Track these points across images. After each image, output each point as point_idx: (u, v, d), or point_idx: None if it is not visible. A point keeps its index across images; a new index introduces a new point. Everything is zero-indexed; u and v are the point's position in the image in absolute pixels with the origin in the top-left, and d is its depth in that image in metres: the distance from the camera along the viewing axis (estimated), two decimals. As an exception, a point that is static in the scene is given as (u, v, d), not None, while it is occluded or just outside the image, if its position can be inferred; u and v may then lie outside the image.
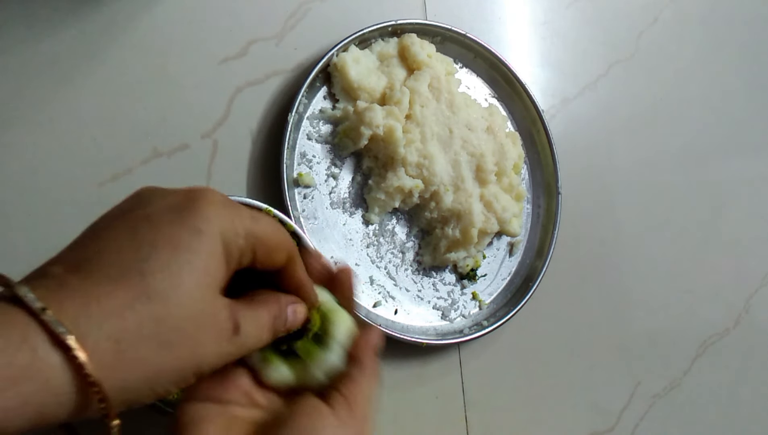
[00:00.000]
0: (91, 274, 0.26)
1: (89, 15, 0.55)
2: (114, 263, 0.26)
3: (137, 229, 0.28)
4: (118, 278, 0.26)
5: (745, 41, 0.88)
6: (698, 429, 0.75)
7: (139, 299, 0.26)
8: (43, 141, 0.53)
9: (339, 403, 0.34)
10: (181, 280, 0.27)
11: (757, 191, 0.84)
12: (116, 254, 0.27)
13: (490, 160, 0.63)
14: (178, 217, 0.28)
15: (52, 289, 0.25)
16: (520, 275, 0.67)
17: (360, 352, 0.37)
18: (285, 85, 0.61)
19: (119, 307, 0.25)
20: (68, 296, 0.25)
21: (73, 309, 0.25)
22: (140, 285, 0.26)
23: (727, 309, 0.80)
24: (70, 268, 0.26)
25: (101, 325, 0.25)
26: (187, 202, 0.29)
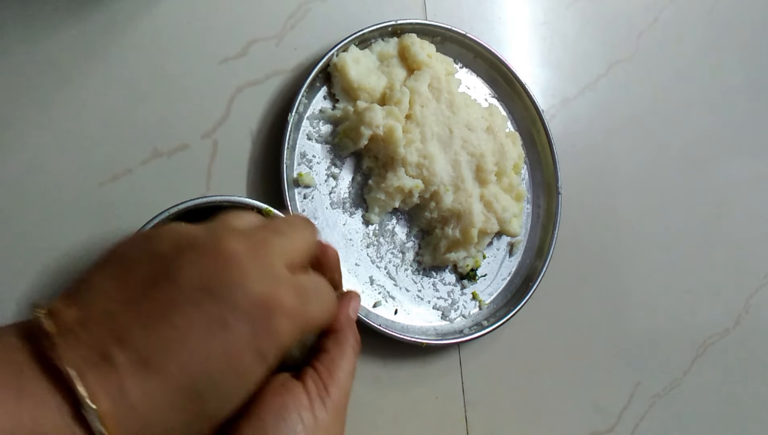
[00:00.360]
0: (152, 385, 0.25)
1: (89, 15, 0.55)
2: (181, 380, 0.25)
3: (212, 336, 0.26)
4: (181, 402, 0.25)
5: (745, 41, 0.88)
6: (698, 429, 0.75)
7: (192, 423, 0.26)
8: (43, 141, 0.53)
9: (311, 376, 0.32)
10: (231, 401, 0.27)
11: (757, 191, 0.84)
12: (186, 369, 0.25)
13: (490, 160, 0.63)
14: (252, 336, 0.27)
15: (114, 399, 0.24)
16: (520, 275, 0.67)
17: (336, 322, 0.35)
18: (285, 85, 0.61)
19: (170, 430, 0.25)
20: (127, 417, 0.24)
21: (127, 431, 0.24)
22: (195, 409, 0.26)
23: (727, 309, 0.80)
24: (136, 364, 0.25)
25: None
26: (265, 314, 0.28)
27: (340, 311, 0.35)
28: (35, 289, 0.50)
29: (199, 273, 0.27)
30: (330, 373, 0.32)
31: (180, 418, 0.25)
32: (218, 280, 0.27)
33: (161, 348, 0.25)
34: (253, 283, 0.28)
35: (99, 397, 0.23)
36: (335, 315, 0.34)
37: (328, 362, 0.33)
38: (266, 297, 0.28)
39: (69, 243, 0.52)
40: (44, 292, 0.50)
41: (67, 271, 0.51)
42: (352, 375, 0.34)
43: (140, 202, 0.54)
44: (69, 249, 0.52)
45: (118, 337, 0.25)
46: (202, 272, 0.27)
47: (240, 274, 0.28)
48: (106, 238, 0.53)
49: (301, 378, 0.32)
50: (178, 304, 0.26)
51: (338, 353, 0.34)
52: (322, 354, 0.34)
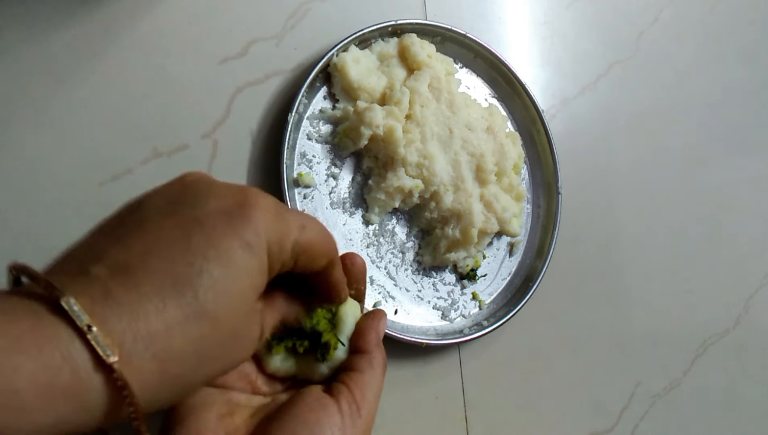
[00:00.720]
0: (140, 285, 0.24)
1: (89, 15, 0.55)
2: (165, 273, 0.25)
3: (190, 235, 0.26)
4: (170, 293, 0.25)
5: (745, 41, 0.88)
6: (698, 429, 0.75)
7: (190, 319, 0.25)
8: (43, 141, 0.53)
9: (345, 397, 0.32)
10: (230, 299, 0.26)
11: (757, 191, 0.84)
12: (167, 263, 0.25)
13: (490, 160, 0.63)
14: (230, 226, 0.27)
15: (97, 300, 0.24)
16: (520, 275, 0.67)
17: (367, 343, 0.35)
18: (285, 85, 0.61)
19: (168, 327, 0.24)
20: (115, 311, 0.24)
21: (119, 326, 0.23)
22: (192, 303, 0.25)
23: (727, 309, 0.80)
24: (116, 271, 0.25)
25: (148, 346, 0.24)
26: (240, 209, 0.28)
27: (370, 331, 0.36)
28: (35, 289, 0.50)
29: (165, 196, 0.28)
30: (362, 393, 0.33)
31: (177, 312, 0.24)
32: (186, 194, 0.28)
33: (139, 255, 0.25)
34: (223, 189, 0.28)
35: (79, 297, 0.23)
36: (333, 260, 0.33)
37: (360, 382, 0.33)
38: (239, 196, 0.28)
39: (69, 243, 0.52)
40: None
41: (67, 271, 0.51)
42: (379, 395, 0.34)
43: (140, 202, 0.54)
44: (69, 249, 0.52)
45: (95, 258, 0.26)
46: (168, 194, 0.28)
47: (208, 186, 0.28)
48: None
49: (333, 395, 0.32)
50: (150, 220, 0.27)
51: (370, 374, 0.34)
52: (355, 374, 0.34)
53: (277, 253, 0.29)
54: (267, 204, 0.29)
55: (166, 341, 0.24)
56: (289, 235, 0.29)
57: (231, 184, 0.29)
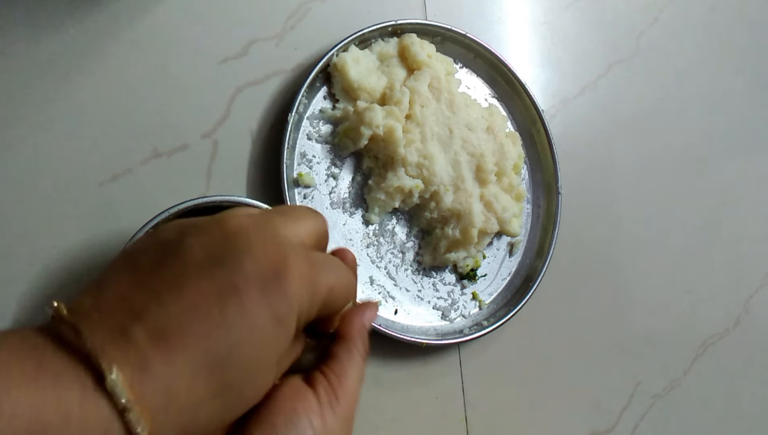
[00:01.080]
0: (176, 358, 0.25)
1: (89, 15, 0.55)
2: (201, 348, 0.25)
3: (226, 304, 0.26)
4: (202, 371, 0.25)
5: (745, 41, 0.88)
6: (698, 429, 0.75)
7: (218, 396, 0.26)
8: (43, 141, 0.53)
9: (321, 383, 0.32)
10: (255, 373, 0.27)
11: (757, 191, 0.84)
12: (204, 337, 0.25)
13: (490, 160, 0.63)
14: (264, 297, 0.27)
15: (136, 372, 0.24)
16: (520, 275, 0.67)
17: (348, 328, 0.35)
18: (285, 85, 0.61)
19: (198, 404, 0.25)
20: (151, 387, 0.24)
21: (154, 403, 0.24)
22: (221, 381, 0.26)
23: (727, 309, 0.80)
24: (154, 336, 0.25)
25: (176, 421, 0.25)
26: (275, 277, 0.27)
27: (353, 318, 0.35)
28: (35, 289, 0.50)
29: (204, 247, 0.28)
30: (340, 380, 0.33)
31: (204, 388, 0.25)
32: (225, 250, 0.27)
33: (177, 319, 0.25)
34: (260, 249, 0.28)
35: (121, 368, 0.24)
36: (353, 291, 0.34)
37: (338, 369, 0.33)
38: (275, 260, 0.28)
39: (69, 243, 0.52)
40: (44, 292, 0.50)
41: (67, 271, 0.51)
42: (360, 382, 0.34)
43: (140, 202, 0.54)
44: (69, 249, 0.52)
45: (134, 314, 0.25)
46: (207, 246, 0.28)
47: (246, 243, 0.28)
48: (106, 238, 0.53)
49: (311, 384, 0.32)
50: (188, 277, 0.26)
51: (348, 360, 0.34)
52: (332, 360, 0.34)
53: (305, 318, 0.29)
54: (302, 270, 0.28)
55: (193, 416, 0.25)
56: (319, 298, 0.30)
57: (269, 240, 0.29)
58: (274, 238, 0.29)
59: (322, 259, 0.31)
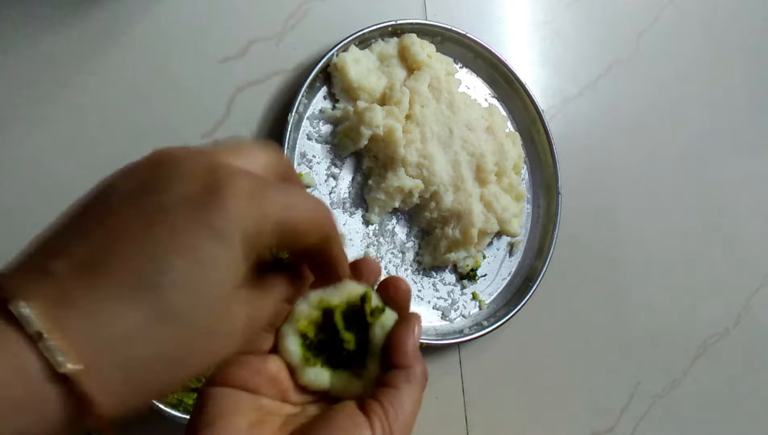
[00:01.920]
0: (100, 285, 0.23)
1: (89, 15, 0.55)
2: (127, 271, 0.23)
3: (153, 226, 0.24)
4: (132, 294, 0.23)
5: (745, 41, 0.88)
6: (698, 429, 0.75)
7: (156, 322, 0.23)
8: (43, 141, 0.53)
9: (378, 416, 0.30)
10: (198, 296, 0.24)
11: (757, 191, 0.84)
12: (130, 259, 0.23)
13: (490, 160, 0.63)
14: (196, 215, 0.24)
15: (55, 302, 0.22)
16: (520, 275, 0.67)
17: (403, 356, 0.32)
18: (285, 85, 0.61)
19: (132, 332, 0.23)
20: (73, 315, 0.22)
21: (79, 332, 0.22)
22: (157, 304, 0.23)
23: (727, 309, 0.79)
24: (76, 269, 0.23)
25: (109, 353, 0.22)
26: (207, 195, 0.25)
27: (406, 341, 0.33)
28: (35, 289, 0.50)
29: (129, 179, 0.26)
30: (397, 414, 0.31)
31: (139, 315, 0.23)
32: (151, 177, 0.26)
33: (100, 248, 0.23)
34: (189, 171, 0.26)
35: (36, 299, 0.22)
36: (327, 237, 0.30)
37: (395, 402, 0.31)
38: (207, 178, 0.25)
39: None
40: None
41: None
42: (416, 413, 0.32)
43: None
44: (69, 249, 0.52)
45: (55, 252, 0.24)
46: (133, 178, 0.26)
47: (174, 168, 0.26)
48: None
49: (367, 414, 0.30)
50: (111, 208, 0.25)
51: (407, 393, 0.32)
52: (391, 390, 0.31)
53: (255, 238, 0.26)
54: (241, 185, 0.25)
55: (129, 347, 0.23)
56: (268, 217, 0.26)
57: (202, 161, 0.26)
58: (208, 161, 0.26)
59: (275, 183, 0.28)
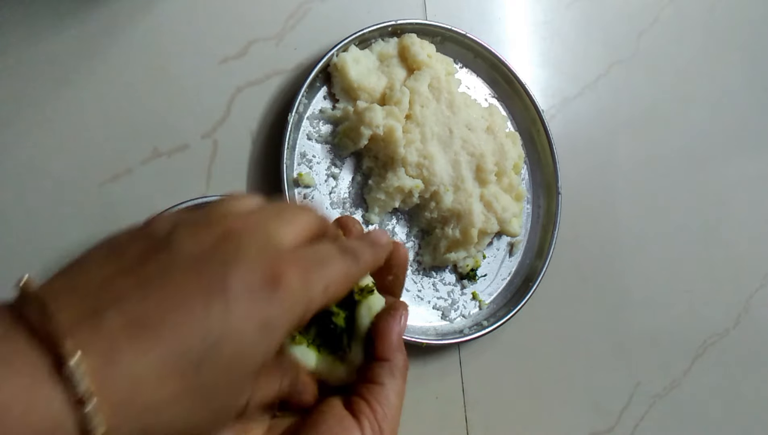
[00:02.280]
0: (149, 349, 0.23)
1: (89, 15, 0.55)
2: (176, 342, 0.23)
3: (212, 303, 0.24)
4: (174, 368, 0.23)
5: (745, 41, 0.88)
6: (698, 429, 0.75)
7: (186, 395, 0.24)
8: (43, 141, 0.53)
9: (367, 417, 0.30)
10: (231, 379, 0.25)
11: (757, 191, 0.84)
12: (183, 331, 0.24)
13: (490, 160, 0.63)
14: (253, 304, 0.25)
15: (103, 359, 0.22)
16: (520, 275, 0.67)
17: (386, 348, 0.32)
18: (285, 85, 0.61)
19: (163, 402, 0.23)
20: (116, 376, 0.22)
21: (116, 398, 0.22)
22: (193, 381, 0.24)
23: (727, 309, 0.80)
24: (130, 325, 0.23)
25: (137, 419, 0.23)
26: (268, 287, 0.26)
27: (390, 332, 0.32)
28: (35, 289, 0.50)
29: (194, 243, 0.26)
30: (384, 410, 0.31)
31: (173, 386, 0.23)
32: (216, 250, 0.26)
33: (156, 309, 0.24)
34: (251, 254, 0.26)
35: (86, 351, 0.21)
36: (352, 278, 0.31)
37: (382, 399, 0.31)
38: (266, 268, 0.26)
39: (69, 243, 0.52)
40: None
41: (67, 271, 0.51)
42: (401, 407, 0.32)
43: (140, 202, 0.54)
44: (69, 249, 0.52)
45: (111, 298, 0.24)
46: (199, 243, 0.26)
47: (238, 247, 0.26)
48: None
49: (355, 415, 0.30)
50: (175, 270, 0.25)
51: (392, 387, 0.31)
52: (376, 387, 0.31)
53: (299, 325, 0.28)
54: (296, 277, 0.27)
55: (157, 416, 0.23)
56: (315, 304, 0.28)
57: (262, 246, 0.27)
58: (268, 243, 0.28)
59: (314, 256, 0.29)
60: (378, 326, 0.33)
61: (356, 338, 0.33)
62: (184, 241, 0.26)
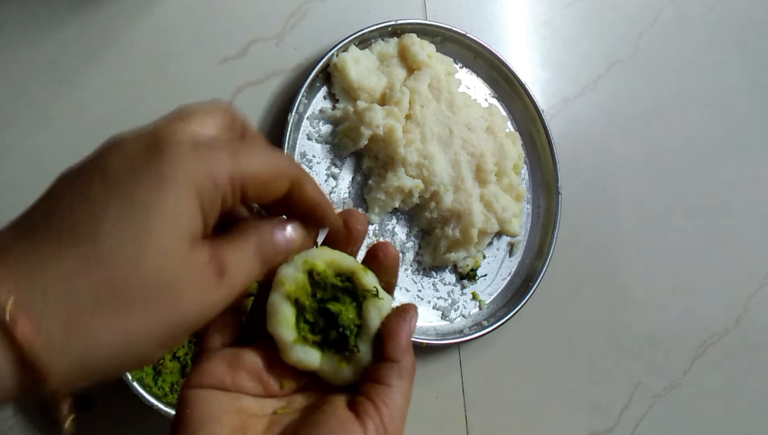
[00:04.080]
0: (38, 242, 0.23)
1: (89, 15, 0.55)
2: (63, 227, 0.23)
3: (90, 187, 0.24)
4: (67, 244, 0.23)
5: (745, 41, 0.88)
6: (698, 429, 0.75)
7: (91, 263, 0.23)
8: (43, 141, 0.53)
9: (372, 418, 0.29)
10: (141, 237, 0.23)
11: (757, 191, 0.84)
12: (66, 217, 0.23)
13: (490, 160, 0.63)
14: (136, 168, 0.25)
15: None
16: (520, 275, 0.67)
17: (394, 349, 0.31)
18: (285, 85, 0.61)
19: (67, 274, 0.22)
20: (9, 265, 0.22)
21: (12, 279, 0.22)
22: (92, 248, 0.23)
23: (727, 309, 0.79)
24: (17, 234, 0.24)
25: (46, 295, 0.22)
26: (149, 150, 0.25)
27: (399, 334, 0.31)
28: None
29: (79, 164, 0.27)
30: (391, 414, 0.30)
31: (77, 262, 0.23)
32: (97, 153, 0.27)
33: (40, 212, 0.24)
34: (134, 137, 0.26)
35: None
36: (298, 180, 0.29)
37: (389, 400, 0.30)
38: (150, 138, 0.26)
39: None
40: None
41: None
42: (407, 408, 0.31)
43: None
44: (69, 249, 0.51)
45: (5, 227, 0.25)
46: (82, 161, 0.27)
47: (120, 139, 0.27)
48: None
49: (359, 415, 0.29)
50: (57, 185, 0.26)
51: (398, 388, 0.30)
52: (382, 388, 0.30)
53: (211, 190, 0.25)
54: (183, 136, 0.26)
55: (68, 289, 0.22)
56: (218, 164, 0.26)
57: (146, 128, 0.27)
58: (151, 129, 0.27)
59: (225, 140, 0.28)
60: (388, 327, 0.32)
61: (365, 338, 0.32)
62: (68, 170, 0.27)
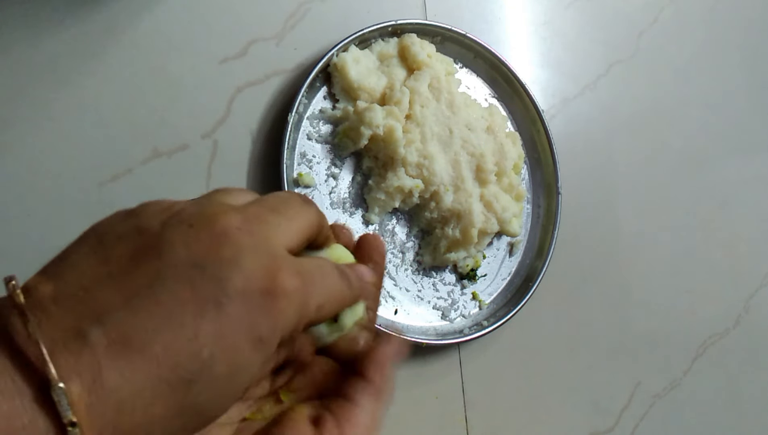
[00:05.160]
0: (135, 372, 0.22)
1: (89, 15, 0.55)
2: (166, 362, 0.22)
3: (203, 317, 0.23)
4: (164, 388, 0.22)
5: (745, 41, 0.88)
6: (698, 429, 0.75)
7: (177, 417, 0.23)
8: (43, 141, 0.53)
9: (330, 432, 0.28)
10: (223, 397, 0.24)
11: (757, 191, 0.84)
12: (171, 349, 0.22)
13: (490, 160, 0.63)
14: (247, 318, 0.24)
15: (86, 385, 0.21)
16: (520, 275, 0.67)
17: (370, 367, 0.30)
18: (285, 85, 0.61)
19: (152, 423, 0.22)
20: (102, 403, 0.21)
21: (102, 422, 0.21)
22: (184, 400, 0.23)
23: (727, 309, 0.80)
24: (114, 344, 0.22)
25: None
26: (264, 298, 0.24)
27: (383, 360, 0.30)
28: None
29: (188, 248, 0.24)
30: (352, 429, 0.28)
31: (163, 408, 0.22)
32: (210, 256, 0.24)
33: (144, 326, 0.22)
34: (249, 261, 0.25)
35: (70, 377, 0.21)
36: (344, 303, 0.30)
37: (353, 419, 0.29)
38: (265, 278, 0.25)
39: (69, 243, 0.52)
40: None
41: (67, 271, 0.51)
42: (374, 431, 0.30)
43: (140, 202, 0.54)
44: (69, 249, 0.52)
45: (96, 313, 0.22)
46: (192, 247, 0.24)
47: (235, 251, 0.25)
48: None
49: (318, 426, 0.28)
50: (166, 280, 0.23)
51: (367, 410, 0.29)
52: (349, 405, 0.29)
53: (288, 341, 0.26)
54: (292, 289, 0.25)
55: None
56: (305, 319, 0.26)
57: (260, 250, 0.25)
58: (266, 247, 0.26)
59: (314, 269, 0.28)
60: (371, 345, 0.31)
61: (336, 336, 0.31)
62: (176, 243, 0.25)
